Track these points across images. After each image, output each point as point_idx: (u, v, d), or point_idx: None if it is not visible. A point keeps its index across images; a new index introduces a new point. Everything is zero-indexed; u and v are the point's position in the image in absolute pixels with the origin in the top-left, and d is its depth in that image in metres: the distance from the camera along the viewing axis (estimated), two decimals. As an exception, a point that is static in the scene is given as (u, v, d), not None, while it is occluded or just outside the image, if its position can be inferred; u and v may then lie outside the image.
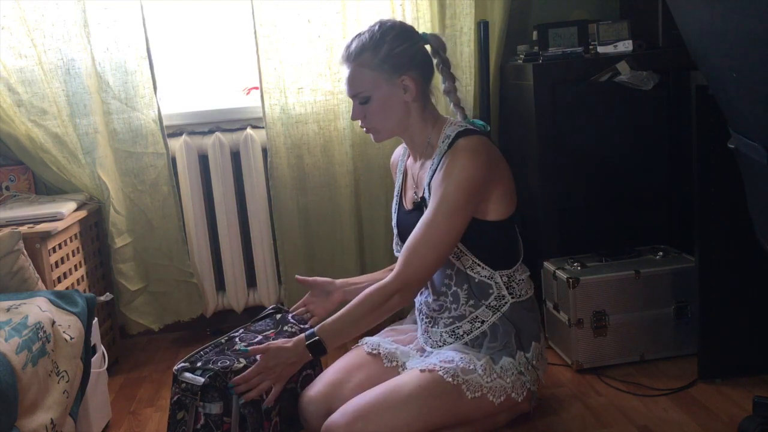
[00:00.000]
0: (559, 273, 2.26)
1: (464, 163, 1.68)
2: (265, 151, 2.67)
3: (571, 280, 2.19)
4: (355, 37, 1.78)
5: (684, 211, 2.41)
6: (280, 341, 1.71)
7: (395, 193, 1.97)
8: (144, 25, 2.54)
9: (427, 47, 1.82)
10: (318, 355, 1.68)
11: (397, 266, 1.70)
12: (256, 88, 2.71)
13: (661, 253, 2.33)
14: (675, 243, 2.42)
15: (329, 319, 1.70)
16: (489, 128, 1.84)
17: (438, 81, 1.92)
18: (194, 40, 2.85)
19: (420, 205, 1.80)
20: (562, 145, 2.42)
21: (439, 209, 1.67)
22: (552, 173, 2.42)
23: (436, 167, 1.74)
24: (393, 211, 1.96)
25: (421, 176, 1.83)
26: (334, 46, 2.59)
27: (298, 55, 2.59)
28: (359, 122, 1.82)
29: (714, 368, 2.09)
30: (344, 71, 1.79)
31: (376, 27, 1.77)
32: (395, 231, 1.94)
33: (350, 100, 1.82)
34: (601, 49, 2.45)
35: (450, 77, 1.85)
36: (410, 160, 1.93)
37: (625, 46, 2.41)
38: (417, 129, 1.81)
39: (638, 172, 2.46)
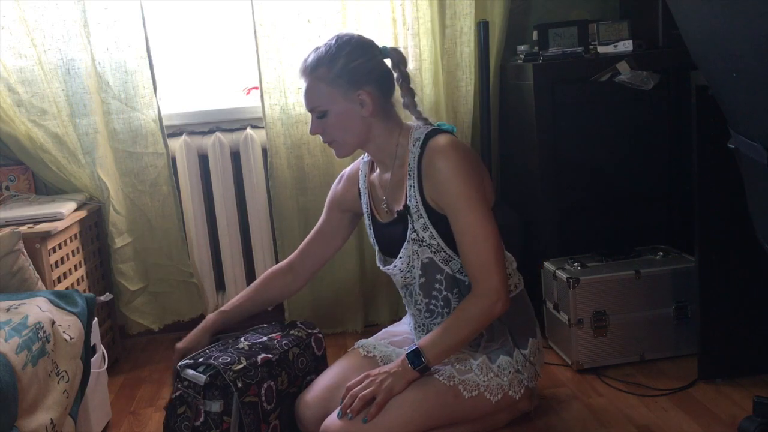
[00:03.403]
0: (559, 273, 2.26)
1: (454, 159, 1.67)
2: (265, 151, 2.67)
3: (571, 280, 2.19)
4: (313, 50, 1.77)
5: (684, 211, 2.41)
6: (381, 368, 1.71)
7: (364, 210, 1.93)
8: (144, 25, 2.54)
9: (387, 61, 1.79)
10: (418, 363, 1.66)
11: (479, 283, 1.68)
12: (256, 88, 2.71)
13: (661, 253, 2.33)
14: (675, 243, 2.42)
15: (431, 335, 1.69)
16: (455, 130, 1.83)
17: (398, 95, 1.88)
18: (194, 40, 2.85)
19: (404, 215, 1.77)
20: (562, 145, 2.42)
21: (473, 212, 1.66)
22: (552, 173, 2.42)
23: (417, 172, 1.72)
24: (367, 227, 1.93)
25: (394, 185, 1.80)
26: (334, 46, 2.59)
27: (298, 55, 2.58)
28: (319, 137, 1.80)
29: (714, 368, 2.09)
30: (302, 84, 1.77)
31: (333, 41, 1.76)
32: (376, 247, 1.91)
33: None
34: (601, 49, 2.45)
35: (409, 92, 1.81)
36: (375, 174, 1.90)
37: (625, 46, 2.41)
38: (381, 140, 1.79)
39: (638, 172, 2.46)
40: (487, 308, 1.67)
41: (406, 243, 1.77)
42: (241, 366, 1.66)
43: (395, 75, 1.80)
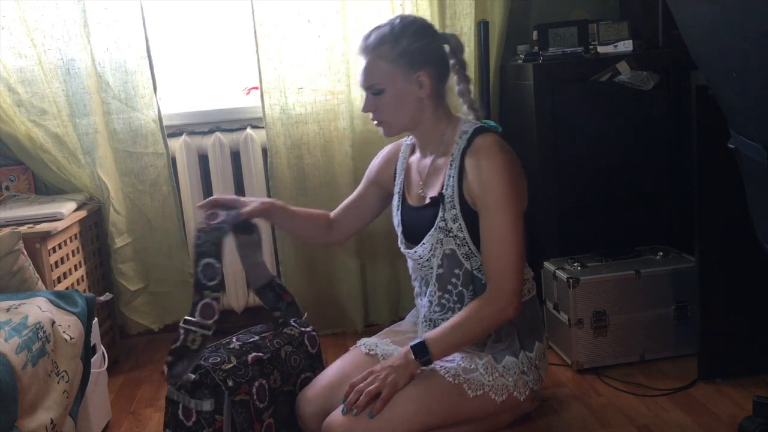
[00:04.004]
0: (559, 273, 2.26)
1: (501, 161, 1.69)
2: (265, 151, 2.67)
3: (571, 280, 2.19)
4: (375, 28, 1.77)
5: (684, 211, 2.41)
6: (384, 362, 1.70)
7: (397, 190, 1.96)
8: (144, 25, 2.54)
9: (446, 47, 1.81)
10: (426, 365, 1.66)
11: (493, 284, 1.69)
12: (256, 88, 2.71)
13: (661, 253, 2.33)
14: (675, 243, 2.42)
15: (438, 330, 1.69)
16: (500, 129, 1.84)
17: (452, 82, 1.90)
18: (194, 40, 2.85)
19: (437, 202, 1.78)
20: (562, 145, 2.42)
21: (505, 215, 1.67)
22: (552, 173, 2.42)
23: (459, 163, 1.73)
24: (395, 208, 1.95)
25: (433, 173, 1.82)
26: (334, 46, 2.59)
27: (298, 55, 2.59)
28: (370, 115, 1.81)
29: (714, 368, 2.09)
30: (360, 62, 1.78)
31: (397, 20, 1.77)
32: (399, 229, 1.92)
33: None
34: (601, 49, 2.45)
35: (465, 79, 1.84)
36: (414, 157, 1.92)
37: (625, 46, 2.41)
38: (429, 125, 1.81)
39: (638, 172, 2.46)
40: (498, 311, 1.67)
41: (432, 230, 1.77)
42: (231, 365, 1.66)
43: (451, 61, 1.82)
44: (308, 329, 1.90)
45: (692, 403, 1.99)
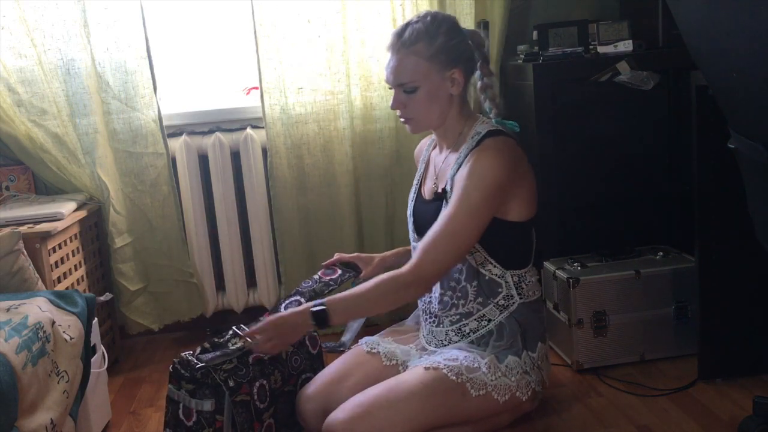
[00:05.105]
0: (559, 273, 2.26)
1: (489, 162, 1.68)
2: (265, 151, 2.67)
3: (571, 280, 2.19)
4: (407, 25, 1.76)
5: (684, 211, 2.41)
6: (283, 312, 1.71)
7: (415, 182, 1.96)
8: (144, 25, 2.54)
9: (470, 42, 1.81)
10: (321, 325, 1.64)
11: (413, 258, 1.68)
12: (256, 88, 2.71)
13: (661, 253, 2.33)
14: (675, 243, 2.42)
15: (340, 294, 1.69)
16: (519, 129, 1.84)
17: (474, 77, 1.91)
18: (194, 40, 2.85)
19: (440, 197, 1.79)
20: (562, 145, 2.42)
21: (461, 206, 1.66)
22: (552, 173, 2.42)
23: (462, 161, 1.74)
24: (410, 199, 1.96)
25: (444, 168, 1.83)
26: (334, 46, 2.59)
27: (298, 55, 2.59)
28: (397, 112, 1.80)
29: (714, 368, 2.09)
30: (390, 59, 1.77)
31: (428, 18, 1.76)
32: (410, 219, 1.93)
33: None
34: (601, 49, 2.45)
35: (489, 73, 1.84)
36: (435, 151, 1.93)
37: (625, 46, 2.41)
38: (453, 122, 1.81)
39: (638, 172, 2.46)
40: (404, 285, 1.65)
41: None
42: (232, 365, 1.66)
43: (475, 56, 1.82)
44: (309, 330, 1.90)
45: (692, 403, 1.99)
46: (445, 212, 1.69)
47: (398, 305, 1.71)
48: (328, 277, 1.92)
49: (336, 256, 2.03)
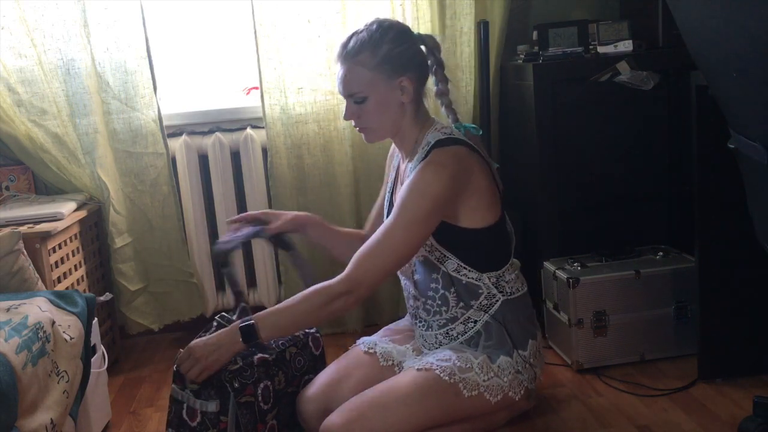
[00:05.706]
0: (559, 273, 2.26)
1: (429, 177, 1.66)
2: (265, 151, 2.67)
3: (571, 280, 2.19)
4: (353, 35, 1.75)
5: (684, 211, 2.41)
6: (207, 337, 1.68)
7: (387, 190, 1.95)
8: (144, 25, 2.54)
9: (422, 48, 1.80)
10: (250, 340, 1.62)
11: (347, 269, 1.65)
12: (256, 88, 2.71)
13: (661, 253, 2.33)
14: (675, 243, 2.42)
15: (270, 309, 1.68)
16: (481, 132, 1.82)
17: (430, 82, 1.90)
18: (194, 40, 2.85)
19: None
20: (562, 145, 2.42)
21: (398, 218, 1.65)
22: (552, 173, 2.42)
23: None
24: (385, 207, 1.94)
25: (404, 178, 1.81)
26: (334, 46, 2.58)
27: (298, 55, 2.59)
28: (352, 122, 1.80)
29: (714, 368, 2.09)
30: (339, 70, 1.76)
31: (374, 26, 1.75)
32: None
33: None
34: (601, 49, 2.45)
35: (444, 79, 1.82)
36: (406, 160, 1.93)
37: (625, 46, 2.41)
38: (408, 131, 1.80)
39: (638, 172, 2.46)
40: (336, 295, 1.62)
41: None
42: (237, 366, 1.66)
43: (429, 62, 1.80)
44: (312, 330, 1.90)
45: (692, 403, 1.99)
46: (383, 224, 1.68)
47: (331, 317, 1.69)
48: (227, 237, 1.86)
49: (242, 215, 1.97)
